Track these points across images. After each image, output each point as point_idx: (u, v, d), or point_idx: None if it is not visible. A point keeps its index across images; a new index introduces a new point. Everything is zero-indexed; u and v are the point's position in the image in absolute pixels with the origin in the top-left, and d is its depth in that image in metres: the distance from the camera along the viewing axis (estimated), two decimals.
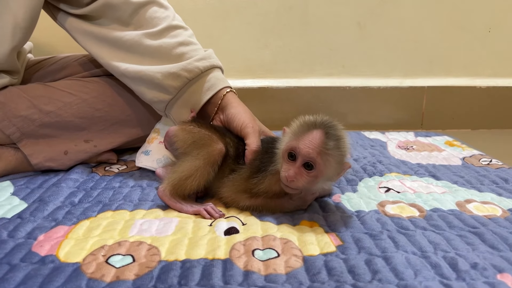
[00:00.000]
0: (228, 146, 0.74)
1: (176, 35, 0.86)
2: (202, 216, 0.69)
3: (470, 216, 0.70)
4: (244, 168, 0.72)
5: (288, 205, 0.71)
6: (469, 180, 0.88)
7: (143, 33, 0.85)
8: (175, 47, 0.84)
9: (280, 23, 1.34)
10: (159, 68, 0.82)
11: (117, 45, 0.86)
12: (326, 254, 0.58)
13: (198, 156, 0.70)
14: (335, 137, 0.62)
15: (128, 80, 0.87)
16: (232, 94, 0.84)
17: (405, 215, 0.71)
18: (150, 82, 0.83)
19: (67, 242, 0.61)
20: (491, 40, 1.39)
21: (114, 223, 0.67)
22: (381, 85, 1.38)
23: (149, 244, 0.60)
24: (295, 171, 0.63)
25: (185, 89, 0.83)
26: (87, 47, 0.90)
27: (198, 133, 0.74)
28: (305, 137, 0.62)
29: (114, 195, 0.78)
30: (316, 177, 0.63)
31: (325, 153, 0.61)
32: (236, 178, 0.72)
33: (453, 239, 0.62)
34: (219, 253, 0.58)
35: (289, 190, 0.66)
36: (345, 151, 0.63)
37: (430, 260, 0.56)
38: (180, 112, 0.85)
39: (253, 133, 0.75)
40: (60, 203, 0.75)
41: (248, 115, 0.79)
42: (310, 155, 0.61)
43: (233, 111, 0.80)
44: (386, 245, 0.60)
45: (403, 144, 1.17)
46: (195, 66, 0.83)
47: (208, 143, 0.72)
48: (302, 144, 0.62)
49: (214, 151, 0.71)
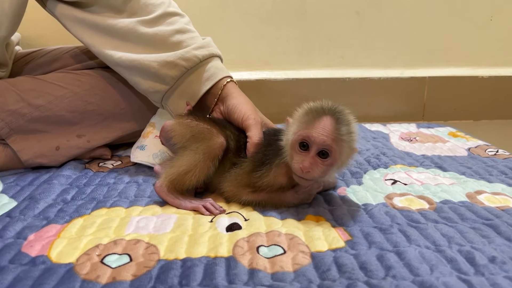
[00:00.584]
0: (228, 139, 0.71)
1: (172, 22, 0.82)
2: (201, 213, 0.66)
3: (483, 208, 0.67)
4: (246, 162, 0.69)
5: (292, 199, 0.68)
6: (477, 171, 0.85)
7: (138, 20, 0.81)
8: (171, 35, 0.80)
9: (277, 13, 1.31)
10: (155, 57, 0.79)
11: (110, 33, 0.82)
12: (335, 249, 0.55)
13: (198, 150, 0.67)
14: (346, 122, 0.59)
15: (122, 69, 0.83)
16: (233, 84, 0.81)
17: (414, 207, 0.68)
18: (146, 72, 0.80)
19: (59, 241, 0.57)
20: (493, 29, 1.36)
21: (109, 221, 0.63)
22: (381, 76, 1.35)
23: (147, 242, 0.57)
24: (310, 161, 0.59)
25: (182, 79, 0.80)
26: (78, 35, 0.85)
27: (196, 127, 0.70)
28: (317, 125, 0.59)
29: (109, 192, 0.74)
30: (332, 165, 0.61)
31: (340, 139, 0.58)
32: (238, 172, 0.68)
33: (467, 232, 0.59)
34: (222, 250, 0.55)
35: (304, 182, 0.63)
36: (356, 135, 0.61)
37: (445, 254, 0.53)
38: (177, 104, 0.81)
39: (255, 125, 0.72)
40: (52, 200, 0.71)
41: (249, 106, 0.76)
42: (325, 143, 0.58)
43: (234, 102, 0.76)
44: (397, 239, 0.57)
45: (406, 136, 1.14)
46: (193, 55, 0.79)
47: (208, 137, 0.68)
48: (315, 132, 0.58)
49: (215, 145, 0.68)
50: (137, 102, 0.91)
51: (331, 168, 0.61)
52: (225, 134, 0.70)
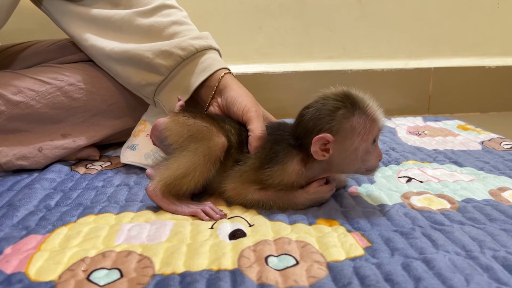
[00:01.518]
0: (229, 134, 0.64)
1: (170, 14, 0.79)
2: (200, 218, 0.59)
3: (510, 206, 0.61)
4: (252, 158, 0.62)
5: (302, 200, 0.61)
6: (496, 166, 0.79)
7: (134, 12, 0.78)
8: (168, 26, 0.77)
9: (275, 3, 1.24)
10: (149, 46, 0.75)
11: (105, 26, 0.79)
12: (354, 258, 0.49)
13: (197, 151, 0.60)
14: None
15: (114, 62, 0.78)
16: (231, 76, 0.76)
17: (435, 207, 0.62)
18: (139, 62, 0.75)
19: (39, 255, 0.50)
20: (500, 16, 1.31)
21: (97, 230, 0.56)
22: (385, 67, 1.29)
23: (140, 254, 0.50)
24: (378, 152, 0.60)
25: (178, 69, 0.75)
26: (70, 29, 0.82)
27: (194, 125, 0.64)
28: (378, 114, 0.58)
29: (97, 196, 0.67)
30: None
31: None
32: (243, 169, 0.62)
33: (498, 235, 0.53)
34: (226, 262, 0.48)
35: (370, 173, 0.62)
36: None
37: (479, 262, 0.47)
38: (170, 97, 0.76)
39: (256, 118, 0.66)
40: (33, 207, 0.64)
41: (250, 98, 0.70)
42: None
43: (233, 94, 0.71)
44: (422, 245, 0.51)
45: (413, 130, 1.08)
46: (189, 44, 0.75)
47: (207, 137, 0.62)
48: (380, 122, 0.59)
49: (216, 146, 0.61)
50: (127, 97, 0.84)
51: None
52: (225, 131, 0.64)
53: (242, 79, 1.22)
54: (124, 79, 0.80)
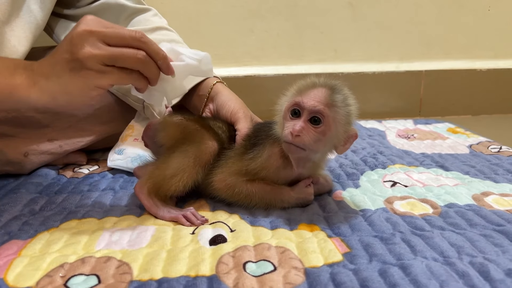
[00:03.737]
0: (220, 131, 0.67)
1: (168, 34, 0.86)
2: (181, 224, 0.59)
3: (492, 212, 0.62)
4: (237, 148, 0.65)
5: (289, 196, 0.63)
6: (482, 170, 0.79)
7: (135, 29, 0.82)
8: (167, 42, 0.80)
9: (267, 5, 1.24)
10: None
11: None
12: (331, 264, 0.49)
13: (188, 153, 0.61)
14: (341, 92, 0.58)
15: None
16: (222, 84, 0.80)
17: (417, 212, 0.62)
18: None
19: (19, 260, 0.50)
20: (491, 20, 1.31)
21: (79, 235, 0.56)
22: (376, 70, 1.29)
23: (119, 260, 0.50)
24: (301, 125, 0.56)
25: None
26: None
27: (187, 127, 0.65)
28: (309, 91, 0.57)
29: (82, 201, 0.67)
30: (324, 134, 0.56)
31: (333, 105, 0.56)
32: (229, 156, 0.63)
33: (477, 240, 0.53)
34: (204, 268, 0.48)
35: (293, 150, 0.57)
36: (353, 110, 0.58)
37: (456, 268, 0.47)
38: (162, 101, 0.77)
39: (244, 118, 0.69)
40: (18, 212, 0.64)
41: (238, 102, 0.73)
42: (316, 107, 0.55)
43: (223, 99, 0.74)
44: (401, 251, 0.51)
45: (403, 133, 1.08)
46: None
47: (199, 139, 0.63)
48: (306, 98, 0.56)
49: (206, 149, 0.62)
50: (113, 103, 0.85)
51: (324, 138, 0.57)
52: (216, 132, 0.66)
53: (234, 81, 1.22)
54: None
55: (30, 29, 0.77)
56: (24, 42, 0.77)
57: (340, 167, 0.82)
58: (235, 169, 0.62)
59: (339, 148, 0.60)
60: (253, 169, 0.61)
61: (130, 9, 0.87)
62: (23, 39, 0.76)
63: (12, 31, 0.74)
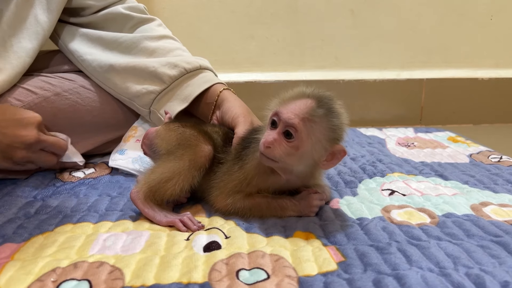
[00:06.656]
0: (215, 135, 0.67)
1: (174, 43, 0.88)
2: (178, 229, 0.59)
3: (490, 222, 0.61)
4: (226, 163, 0.64)
5: (290, 207, 0.62)
6: (481, 180, 0.79)
7: (142, 36, 0.85)
8: (173, 50, 0.85)
9: (267, 12, 1.25)
10: (155, 60, 0.82)
11: (113, 45, 0.86)
12: (325, 273, 0.48)
13: (183, 157, 0.61)
14: (328, 108, 0.54)
15: (115, 73, 0.83)
16: (228, 91, 0.81)
17: (415, 222, 0.61)
18: (143, 72, 0.81)
19: (11, 264, 0.50)
20: (493, 28, 1.31)
21: (73, 239, 0.56)
22: (377, 78, 1.29)
23: (112, 265, 0.50)
24: (273, 136, 0.55)
25: (180, 80, 0.81)
26: (74, 45, 0.87)
27: (183, 133, 0.65)
28: (291, 103, 0.55)
29: (78, 205, 0.67)
30: (297, 149, 0.55)
31: (309, 120, 0.53)
32: (223, 172, 0.63)
33: (474, 251, 0.53)
34: (196, 275, 0.48)
35: (265, 160, 0.57)
36: (338, 126, 0.55)
37: (451, 279, 0.47)
38: (168, 106, 0.80)
39: (243, 122, 0.70)
40: (13, 215, 0.64)
41: (242, 108, 0.74)
42: (290, 120, 0.53)
43: (228, 105, 0.76)
44: (396, 261, 0.50)
45: (403, 141, 1.07)
46: (194, 61, 0.82)
47: (194, 144, 0.63)
48: (285, 109, 0.54)
49: (201, 152, 0.62)
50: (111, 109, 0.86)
51: (296, 152, 0.55)
52: (211, 136, 0.66)
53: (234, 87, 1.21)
54: (120, 89, 0.83)
55: (38, 39, 0.78)
56: (31, 53, 0.78)
57: (338, 174, 0.81)
58: (231, 187, 0.62)
59: (323, 163, 0.57)
60: (244, 179, 0.61)
61: (135, 19, 0.88)
62: (30, 50, 0.78)
63: (19, 42, 0.76)
